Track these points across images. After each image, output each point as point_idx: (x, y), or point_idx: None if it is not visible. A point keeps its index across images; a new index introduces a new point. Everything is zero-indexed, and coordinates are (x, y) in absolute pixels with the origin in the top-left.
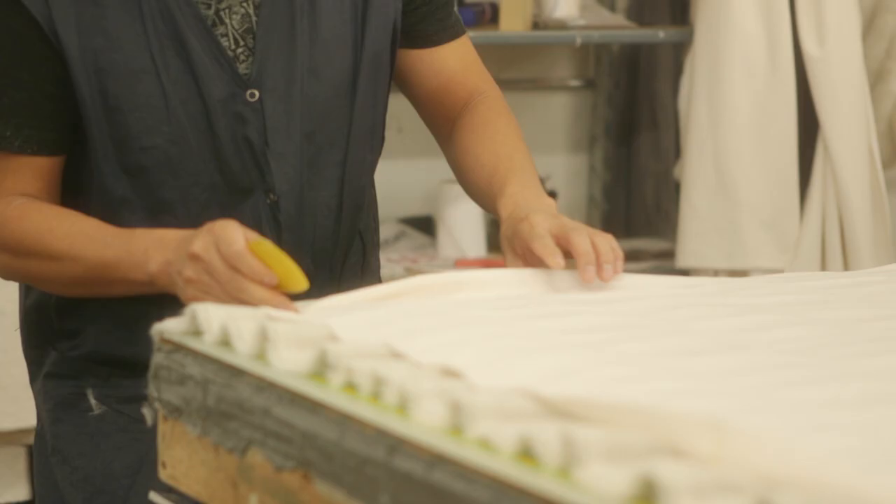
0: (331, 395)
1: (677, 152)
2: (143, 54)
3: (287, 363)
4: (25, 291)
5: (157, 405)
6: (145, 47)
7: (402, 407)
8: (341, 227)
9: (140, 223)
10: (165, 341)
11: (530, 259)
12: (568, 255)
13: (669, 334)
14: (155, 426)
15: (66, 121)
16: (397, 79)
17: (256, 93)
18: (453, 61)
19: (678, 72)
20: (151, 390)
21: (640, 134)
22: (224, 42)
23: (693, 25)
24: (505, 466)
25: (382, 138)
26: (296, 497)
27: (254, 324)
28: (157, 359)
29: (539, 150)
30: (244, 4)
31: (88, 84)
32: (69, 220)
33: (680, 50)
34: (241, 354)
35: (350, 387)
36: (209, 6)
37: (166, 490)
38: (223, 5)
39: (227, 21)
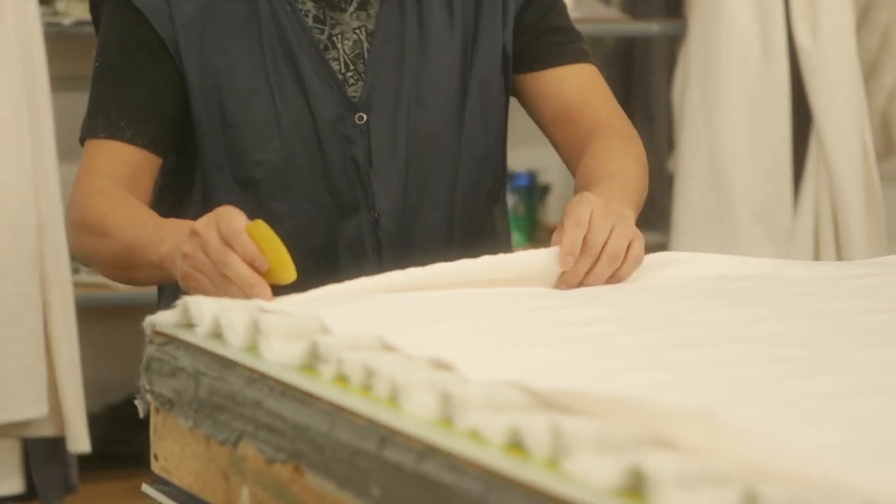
0: (322, 387)
1: (671, 145)
2: (259, 75)
3: (278, 355)
4: None
5: (149, 397)
6: (262, 69)
7: (393, 399)
8: (451, 251)
9: None
10: (157, 333)
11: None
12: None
13: (665, 327)
14: (148, 418)
15: (174, 126)
16: (524, 106)
17: (364, 116)
18: (570, 85)
19: (672, 65)
20: (143, 382)
21: (635, 127)
22: (335, 66)
23: (687, 18)
24: (495, 458)
25: (502, 165)
26: (287, 489)
27: (246, 316)
28: (149, 351)
29: (533, 144)
30: (357, 31)
31: (206, 100)
32: (129, 204)
33: (674, 43)
34: (233, 346)
35: (341, 379)
36: (322, 31)
37: (160, 483)
38: (336, 31)
39: (339, 46)
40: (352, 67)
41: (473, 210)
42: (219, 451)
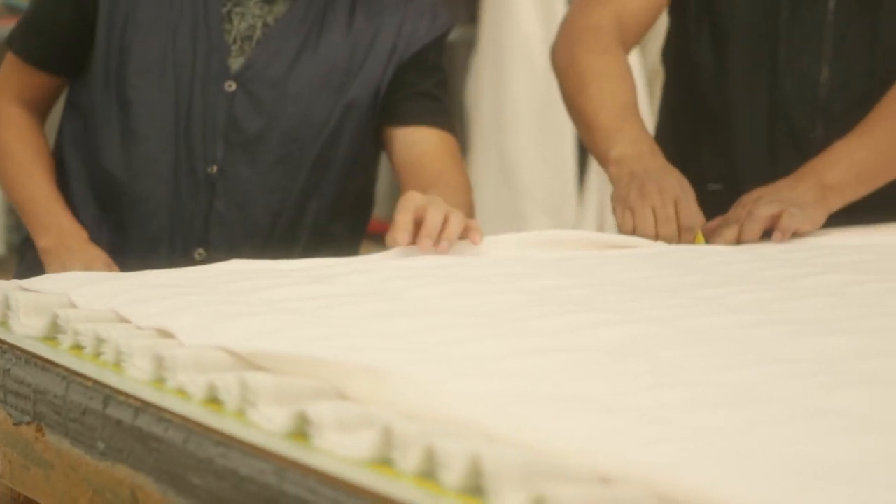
0: (60, 354)
1: (464, 148)
2: (163, 18)
3: (26, 328)
4: None
5: None
6: (167, 9)
7: (118, 363)
8: (272, 241)
9: (114, 139)
10: None
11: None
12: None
13: (382, 301)
14: None
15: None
16: (387, 152)
17: (234, 85)
18: (428, 144)
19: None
20: None
21: None
22: (226, 36)
23: (478, 24)
24: (195, 411)
25: (361, 185)
26: (31, 447)
27: None
28: None
29: None
30: (256, 18)
31: (109, 31)
32: None
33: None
34: None
35: (77, 347)
36: (224, 5)
37: None
38: (237, 10)
39: (234, 22)
40: (238, 44)
41: (302, 211)
42: None
